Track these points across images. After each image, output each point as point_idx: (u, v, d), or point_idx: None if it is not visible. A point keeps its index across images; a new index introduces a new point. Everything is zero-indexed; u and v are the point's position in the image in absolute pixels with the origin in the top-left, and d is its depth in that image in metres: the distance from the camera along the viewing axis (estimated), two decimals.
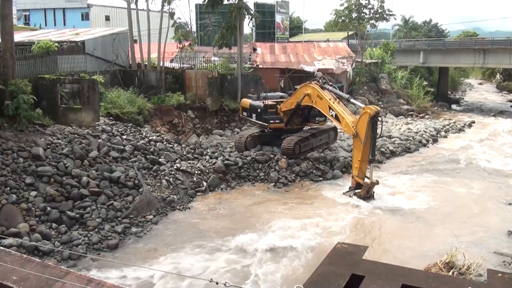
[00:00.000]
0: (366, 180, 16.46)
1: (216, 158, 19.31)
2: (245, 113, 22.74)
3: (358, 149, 16.48)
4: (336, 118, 17.47)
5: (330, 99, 17.75)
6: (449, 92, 52.15)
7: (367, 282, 4.06)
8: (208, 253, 12.49)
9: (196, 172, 17.97)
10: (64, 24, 49.41)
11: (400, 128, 29.16)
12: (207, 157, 19.58)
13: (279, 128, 20.89)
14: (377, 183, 16.74)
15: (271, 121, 20.82)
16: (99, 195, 14.60)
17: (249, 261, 12.04)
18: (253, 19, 30.59)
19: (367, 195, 16.47)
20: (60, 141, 16.33)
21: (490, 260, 11.66)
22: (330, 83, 19.36)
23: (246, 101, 22.53)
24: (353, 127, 16.33)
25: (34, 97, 16.61)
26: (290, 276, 11.27)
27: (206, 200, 16.83)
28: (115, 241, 12.92)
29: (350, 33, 47.40)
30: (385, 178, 19.88)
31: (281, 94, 23.46)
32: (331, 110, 17.67)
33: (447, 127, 31.09)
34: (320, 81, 19.11)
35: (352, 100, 18.30)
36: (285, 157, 19.52)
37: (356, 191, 16.74)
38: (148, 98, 23.62)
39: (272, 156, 19.72)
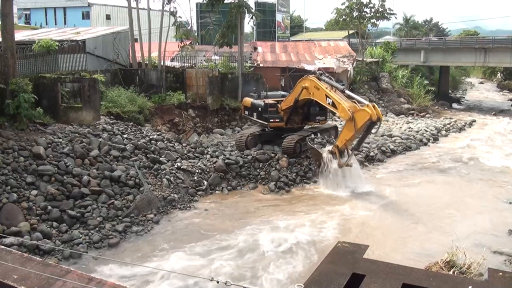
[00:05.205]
0: (343, 161, 17.47)
1: (217, 157, 19.30)
2: (246, 112, 22.83)
3: (349, 130, 16.96)
4: (333, 105, 17.64)
5: (326, 88, 18.04)
6: (450, 91, 52.06)
7: (367, 281, 4.06)
8: (209, 252, 12.49)
9: (197, 171, 17.98)
10: (65, 23, 49.39)
11: (400, 127, 29.13)
12: (208, 156, 19.58)
13: (279, 127, 20.89)
14: (351, 165, 17.62)
15: (271, 120, 20.85)
16: (100, 194, 14.62)
17: (250, 260, 12.04)
18: (254, 17, 30.52)
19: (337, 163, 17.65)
20: (60, 140, 16.34)
21: (491, 259, 11.63)
22: (326, 75, 19.63)
23: (248, 100, 22.58)
24: (349, 110, 16.60)
25: (35, 96, 16.62)
26: (291, 275, 11.28)
27: (207, 199, 16.84)
28: (116, 240, 12.94)
29: (350, 32, 47.35)
30: (386, 177, 19.90)
31: (282, 93, 23.45)
32: (328, 98, 17.89)
33: (448, 126, 31.04)
34: (317, 72, 19.38)
35: (347, 91, 18.45)
36: (286, 156, 19.52)
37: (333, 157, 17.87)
38: (148, 97, 23.61)
39: (272, 155, 19.71)
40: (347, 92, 18.46)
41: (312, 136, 20.49)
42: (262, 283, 10.94)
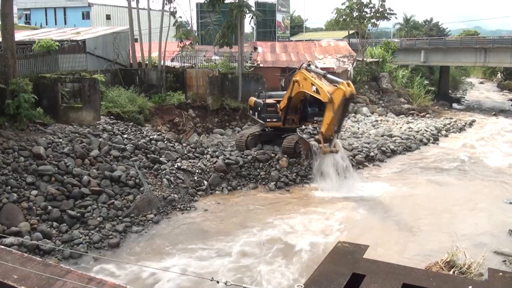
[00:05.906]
0: (328, 148, 17.47)
1: (217, 157, 19.30)
2: (251, 111, 23.19)
3: (329, 112, 17.10)
4: (318, 92, 17.80)
5: (312, 77, 18.22)
6: (450, 91, 52.08)
7: (367, 281, 4.06)
8: (208, 252, 12.50)
9: (197, 171, 17.98)
10: (65, 23, 49.43)
11: (401, 127, 29.13)
12: (208, 156, 19.58)
13: (276, 126, 20.95)
14: (336, 152, 17.75)
15: (268, 120, 20.96)
16: (100, 194, 14.62)
17: (249, 260, 12.04)
18: (254, 17, 30.52)
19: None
20: (61, 140, 16.35)
21: (491, 259, 11.64)
22: (314, 65, 19.81)
23: (252, 99, 22.90)
24: (328, 92, 16.80)
25: (35, 96, 16.62)
26: (291, 275, 11.27)
27: (207, 199, 16.84)
28: (116, 240, 12.93)
29: (351, 32, 47.37)
30: (386, 177, 19.89)
31: None
32: (313, 86, 18.06)
33: (448, 126, 31.04)
34: (305, 64, 19.59)
35: (328, 75, 18.60)
36: (286, 156, 19.52)
37: (321, 144, 17.85)
38: (149, 97, 23.62)
39: (273, 155, 19.71)
40: (329, 76, 18.58)
41: (303, 127, 20.59)
42: (262, 283, 10.94)
